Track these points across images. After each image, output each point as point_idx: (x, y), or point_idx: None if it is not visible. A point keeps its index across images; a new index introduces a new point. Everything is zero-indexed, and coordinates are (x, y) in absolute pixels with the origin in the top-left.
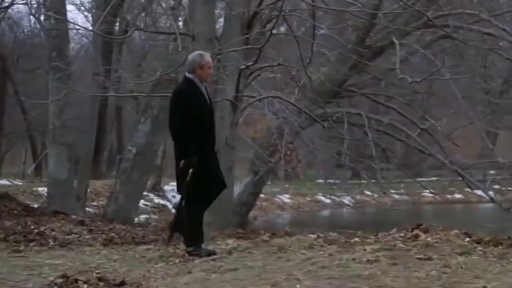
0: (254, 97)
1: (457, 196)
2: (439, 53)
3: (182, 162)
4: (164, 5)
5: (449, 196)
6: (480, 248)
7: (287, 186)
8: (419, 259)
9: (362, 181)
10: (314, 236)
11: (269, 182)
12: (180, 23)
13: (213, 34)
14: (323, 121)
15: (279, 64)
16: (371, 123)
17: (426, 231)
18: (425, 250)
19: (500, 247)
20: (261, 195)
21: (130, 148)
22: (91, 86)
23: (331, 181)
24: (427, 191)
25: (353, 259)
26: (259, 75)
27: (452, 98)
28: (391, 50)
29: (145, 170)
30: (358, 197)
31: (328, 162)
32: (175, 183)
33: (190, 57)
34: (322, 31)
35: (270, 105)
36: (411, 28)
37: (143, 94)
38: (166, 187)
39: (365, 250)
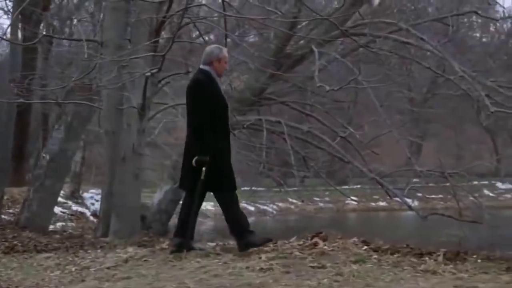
0: (166, 104)
1: (381, 203)
2: (361, 61)
3: (194, 159)
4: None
5: (373, 203)
6: (376, 256)
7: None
8: (313, 267)
9: (286, 189)
10: (213, 244)
11: None
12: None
13: (121, 41)
14: (242, 129)
15: (187, 72)
16: (296, 131)
17: (325, 239)
18: (320, 258)
19: (396, 255)
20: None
21: (44, 155)
22: (6, 93)
23: (256, 188)
24: (352, 198)
25: (247, 267)
26: (168, 82)
27: (373, 107)
28: (311, 58)
29: (59, 177)
30: (281, 204)
31: (251, 170)
32: (94, 190)
33: (208, 49)
34: (250, 39)
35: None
36: (328, 38)
37: (52, 101)
38: (85, 194)
39: (260, 258)
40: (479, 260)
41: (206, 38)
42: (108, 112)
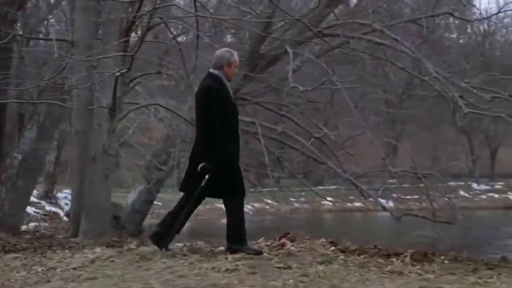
0: (138, 104)
1: (357, 204)
2: (335, 62)
3: (200, 166)
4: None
5: (349, 204)
6: (342, 257)
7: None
8: (279, 268)
9: (260, 190)
10: (180, 245)
11: (169, 190)
12: None
13: (92, 40)
14: None
15: (159, 72)
16: (271, 132)
17: (292, 240)
18: (287, 259)
19: (363, 256)
20: (160, 203)
21: (16, 155)
22: None
23: None
24: (327, 199)
25: (213, 268)
26: (139, 82)
27: (349, 107)
28: (286, 58)
29: (31, 177)
30: (257, 205)
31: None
32: (68, 190)
33: (218, 52)
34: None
35: (159, 113)
36: (302, 38)
37: (24, 101)
38: (60, 195)
39: (226, 259)
40: (446, 261)
41: (180, 39)
42: (78, 112)
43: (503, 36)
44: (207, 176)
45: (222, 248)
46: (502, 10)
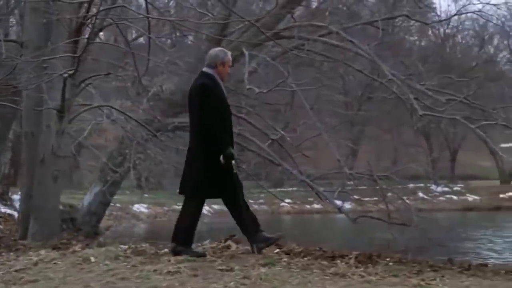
0: (90, 105)
1: (316, 206)
2: (290, 64)
3: (221, 158)
4: None
5: (308, 206)
6: (286, 259)
7: (146, 195)
8: (221, 270)
9: None
10: (125, 247)
11: (127, 192)
12: None
13: (42, 41)
14: (171, 131)
15: (108, 73)
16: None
17: (238, 242)
18: (230, 261)
19: (307, 258)
20: (118, 205)
21: None
22: None
23: None
24: (286, 201)
25: (155, 270)
26: (90, 83)
27: (306, 109)
28: (243, 60)
29: None
30: (216, 207)
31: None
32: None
33: (213, 52)
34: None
35: (112, 115)
36: (258, 40)
37: None
38: (15, 196)
39: (169, 261)
40: (391, 263)
41: (142, 40)
42: (27, 113)
43: (464, 39)
44: (233, 162)
45: (166, 250)
46: (458, 13)
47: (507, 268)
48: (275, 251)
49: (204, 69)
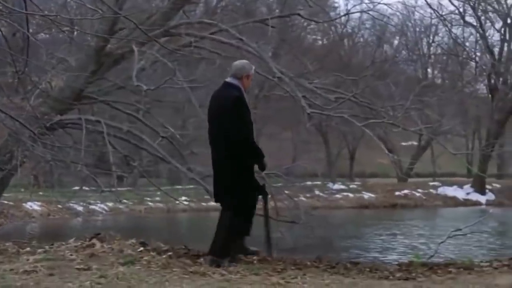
0: None
1: (213, 203)
2: (177, 61)
3: (258, 167)
4: None
5: (204, 203)
6: (147, 258)
7: (41, 193)
8: (78, 269)
9: (111, 190)
10: None
11: (22, 189)
12: None
13: None
14: (61, 128)
15: None
16: (119, 131)
17: (103, 240)
18: (89, 260)
19: (169, 256)
20: (10, 203)
21: None
22: None
23: (88, 188)
24: (182, 198)
25: (11, 269)
26: None
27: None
28: (133, 57)
29: None
30: (111, 204)
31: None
32: None
33: (239, 63)
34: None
35: None
36: (146, 38)
37: None
38: None
39: (27, 260)
40: (255, 262)
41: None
42: None
43: (362, 37)
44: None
45: (28, 249)
46: (349, 12)
47: (373, 266)
48: (139, 249)
49: (230, 79)
